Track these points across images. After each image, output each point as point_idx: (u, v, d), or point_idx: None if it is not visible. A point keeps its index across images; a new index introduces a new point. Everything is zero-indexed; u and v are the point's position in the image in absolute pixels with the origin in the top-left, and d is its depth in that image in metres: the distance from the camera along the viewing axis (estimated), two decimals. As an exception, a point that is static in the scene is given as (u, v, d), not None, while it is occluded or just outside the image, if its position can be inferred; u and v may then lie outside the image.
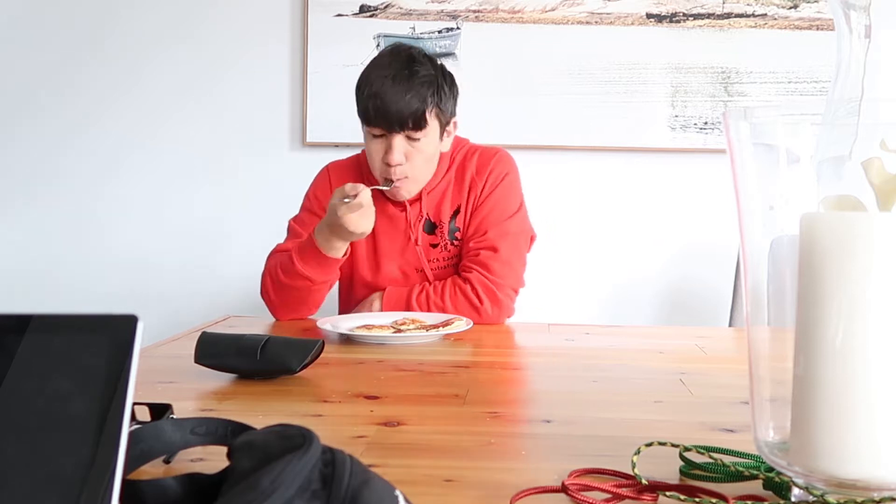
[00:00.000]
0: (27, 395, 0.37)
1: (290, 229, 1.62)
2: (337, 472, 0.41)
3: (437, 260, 1.60)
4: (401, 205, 1.59)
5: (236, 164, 2.44)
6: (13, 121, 2.48)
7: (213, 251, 2.45)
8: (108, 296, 2.46)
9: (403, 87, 1.46)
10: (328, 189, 1.62)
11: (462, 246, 1.59)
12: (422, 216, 1.59)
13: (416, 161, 1.52)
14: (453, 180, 1.61)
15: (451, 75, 1.57)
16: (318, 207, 1.61)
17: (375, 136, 1.51)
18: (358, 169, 1.65)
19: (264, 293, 1.51)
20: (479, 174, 1.60)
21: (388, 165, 1.49)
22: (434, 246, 1.60)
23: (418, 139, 1.49)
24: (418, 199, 1.59)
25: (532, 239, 1.64)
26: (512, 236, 1.56)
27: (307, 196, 1.66)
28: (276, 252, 1.55)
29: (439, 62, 1.56)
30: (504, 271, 1.52)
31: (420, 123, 1.47)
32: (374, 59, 1.55)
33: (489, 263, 1.51)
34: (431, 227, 1.60)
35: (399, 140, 1.48)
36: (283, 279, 1.47)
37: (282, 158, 2.42)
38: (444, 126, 1.54)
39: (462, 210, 1.59)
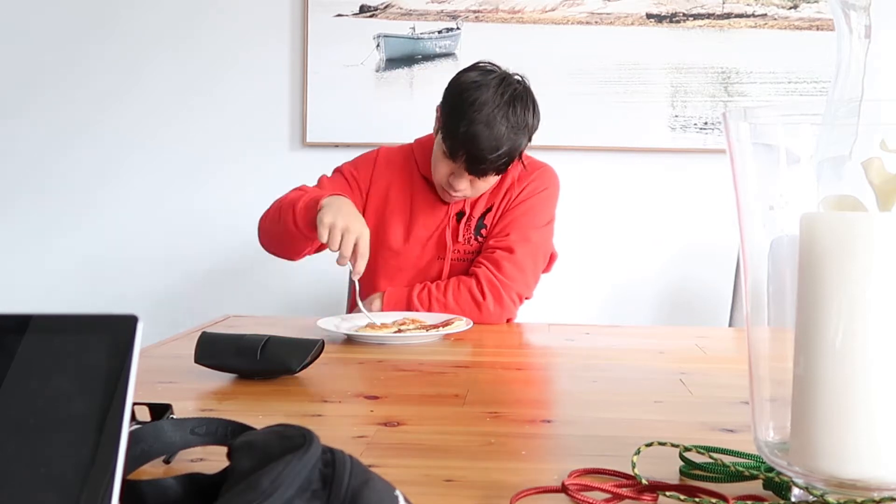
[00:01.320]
0: (27, 395, 0.37)
1: (318, 181, 1.63)
2: (337, 472, 0.41)
3: (457, 251, 1.60)
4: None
5: (236, 164, 2.44)
6: (13, 121, 2.48)
7: (214, 251, 2.45)
8: (107, 296, 2.46)
9: (499, 140, 1.42)
10: (370, 171, 1.64)
11: (483, 243, 1.59)
12: (462, 210, 1.61)
13: (480, 188, 1.55)
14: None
15: (538, 111, 1.52)
16: (350, 177, 1.63)
17: (448, 158, 1.49)
18: (409, 161, 1.66)
19: (262, 217, 1.56)
20: (520, 181, 1.61)
21: (452, 188, 1.51)
22: (458, 240, 1.60)
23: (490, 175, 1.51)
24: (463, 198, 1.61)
25: (553, 258, 1.65)
26: (532, 245, 1.56)
27: (344, 165, 1.67)
28: (297, 189, 1.57)
29: (533, 96, 1.51)
30: (514, 274, 1.52)
31: (501, 171, 1.50)
32: (478, 82, 1.46)
33: (501, 262, 1.52)
34: (461, 217, 1.61)
35: (468, 175, 1.49)
36: (280, 213, 1.50)
37: (282, 158, 2.42)
38: (520, 160, 1.56)
39: (494, 209, 1.60)
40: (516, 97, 1.47)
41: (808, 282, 0.52)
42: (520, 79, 1.51)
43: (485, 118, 1.42)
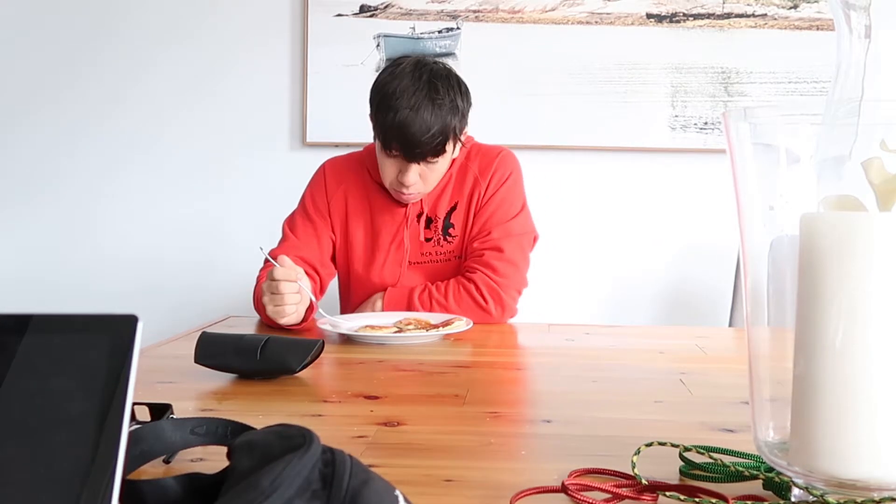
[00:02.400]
0: (27, 395, 0.37)
1: (283, 232, 1.62)
2: (337, 472, 0.41)
3: (430, 254, 1.60)
4: (402, 202, 1.59)
5: (236, 163, 2.44)
6: (14, 121, 2.48)
7: (214, 251, 2.45)
8: (107, 296, 2.46)
9: (427, 120, 1.42)
10: (323, 192, 1.63)
11: (464, 245, 1.59)
12: (421, 211, 1.60)
13: (429, 178, 1.53)
14: (454, 176, 1.61)
15: (467, 90, 1.53)
16: (312, 211, 1.62)
17: (390, 154, 1.49)
18: (359, 167, 1.65)
19: (255, 305, 1.49)
20: (482, 174, 1.60)
21: (403, 185, 1.50)
22: (428, 240, 1.60)
23: (435, 162, 1.50)
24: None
25: (535, 239, 1.65)
26: (516, 237, 1.56)
27: (302, 198, 1.65)
28: (266, 264, 1.54)
29: (455, 74, 1.53)
30: (508, 271, 1.52)
31: (440, 152, 1.48)
32: (392, 73, 1.48)
33: (494, 264, 1.52)
34: (428, 222, 1.60)
35: (416, 165, 1.49)
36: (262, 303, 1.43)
37: (282, 158, 2.42)
38: (458, 141, 1.54)
39: (460, 207, 1.60)
40: (434, 76, 1.47)
41: (808, 282, 0.52)
42: (436, 60, 1.53)
43: (406, 104, 1.43)
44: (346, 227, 1.62)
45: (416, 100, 1.43)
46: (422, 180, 1.52)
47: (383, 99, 1.46)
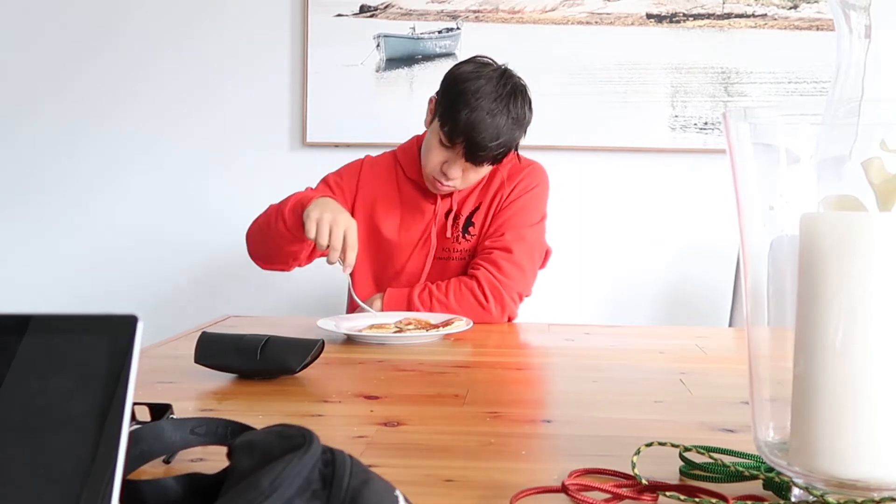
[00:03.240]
0: (27, 395, 0.37)
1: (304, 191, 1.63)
2: (337, 472, 0.41)
3: (446, 250, 1.61)
4: (432, 198, 1.61)
5: (236, 164, 2.44)
6: (14, 122, 2.48)
7: (214, 251, 2.45)
8: (107, 295, 2.46)
9: (500, 128, 1.44)
10: (356, 179, 1.64)
11: (477, 244, 1.60)
12: (450, 208, 1.61)
13: (470, 178, 1.55)
14: (485, 178, 1.62)
15: (533, 108, 1.54)
16: (335, 186, 1.63)
17: (447, 147, 1.50)
18: (393, 164, 1.66)
19: (249, 229, 1.57)
20: (509, 179, 1.62)
21: (445, 176, 1.51)
22: (447, 237, 1.61)
23: (483, 166, 1.52)
24: (450, 194, 1.61)
25: (547, 254, 1.65)
26: (528, 243, 1.57)
27: (333, 173, 1.67)
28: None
29: (529, 95, 1.53)
30: (514, 273, 1.52)
31: (498, 160, 1.51)
32: (479, 73, 1.49)
33: (500, 263, 1.52)
34: (449, 215, 1.61)
35: (465, 162, 1.50)
36: (268, 219, 1.50)
37: (282, 158, 2.42)
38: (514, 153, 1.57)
39: (482, 208, 1.60)
40: (517, 90, 1.49)
41: (808, 282, 0.52)
42: (517, 75, 1.54)
43: (487, 107, 1.44)
44: (370, 221, 1.63)
45: (496, 106, 1.45)
46: (463, 178, 1.53)
47: (463, 93, 1.46)
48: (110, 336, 0.38)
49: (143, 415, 0.71)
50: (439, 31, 2.37)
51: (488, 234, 1.58)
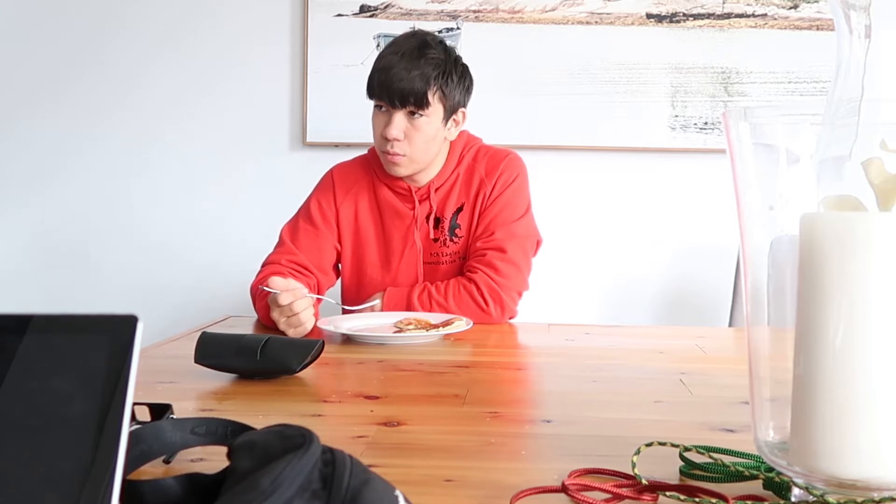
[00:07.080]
0: (27, 395, 0.37)
1: (279, 238, 1.60)
2: (337, 472, 0.41)
3: (437, 255, 1.60)
4: (410, 201, 1.59)
5: (236, 164, 2.44)
6: (15, 122, 2.48)
7: (214, 251, 2.45)
8: (107, 295, 2.46)
9: (410, 64, 1.48)
10: (332, 200, 1.62)
11: (468, 245, 1.59)
12: (430, 211, 1.60)
13: (415, 140, 1.52)
14: (461, 177, 1.61)
15: (464, 66, 1.59)
16: (318, 218, 1.60)
17: (379, 111, 1.54)
18: (366, 169, 1.65)
19: (254, 306, 1.51)
20: (488, 176, 1.60)
21: (386, 139, 1.51)
22: (435, 241, 1.60)
23: (419, 118, 1.51)
24: (427, 196, 1.59)
25: (538, 243, 1.65)
26: (519, 239, 1.56)
27: (307, 203, 1.64)
28: (263, 265, 1.56)
29: (456, 53, 1.58)
30: (510, 272, 1.52)
31: (421, 102, 1.49)
32: (394, 39, 1.58)
33: (496, 264, 1.51)
34: (436, 223, 1.61)
35: (399, 116, 1.51)
36: (257, 306, 1.48)
37: (282, 158, 2.42)
38: (449, 112, 1.55)
39: (466, 208, 1.60)
40: (430, 39, 1.55)
41: (808, 282, 0.52)
42: (438, 35, 1.60)
43: (395, 51, 1.51)
44: (357, 233, 1.62)
45: (404, 49, 1.51)
46: (407, 141, 1.51)
47: (378, 57, 1.54)
48: (110, 336, 0.38)
49: (143, 415, 0.71)
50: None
51: (478, 235, 1.58)
